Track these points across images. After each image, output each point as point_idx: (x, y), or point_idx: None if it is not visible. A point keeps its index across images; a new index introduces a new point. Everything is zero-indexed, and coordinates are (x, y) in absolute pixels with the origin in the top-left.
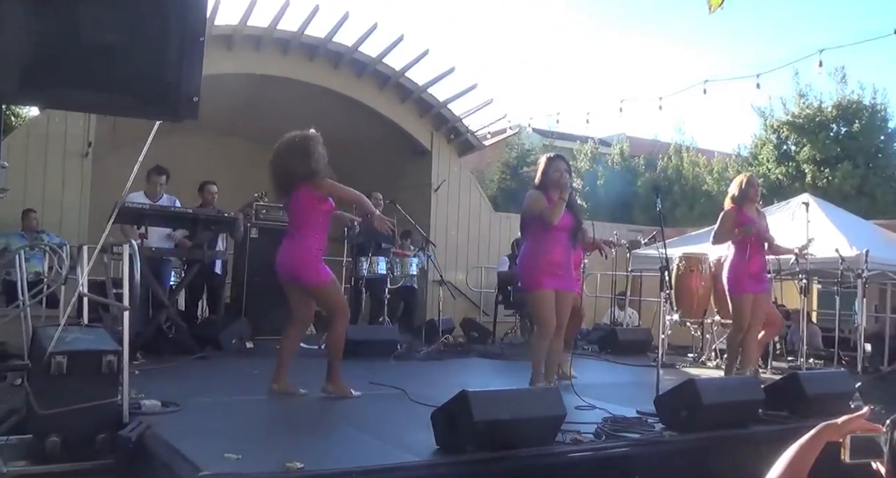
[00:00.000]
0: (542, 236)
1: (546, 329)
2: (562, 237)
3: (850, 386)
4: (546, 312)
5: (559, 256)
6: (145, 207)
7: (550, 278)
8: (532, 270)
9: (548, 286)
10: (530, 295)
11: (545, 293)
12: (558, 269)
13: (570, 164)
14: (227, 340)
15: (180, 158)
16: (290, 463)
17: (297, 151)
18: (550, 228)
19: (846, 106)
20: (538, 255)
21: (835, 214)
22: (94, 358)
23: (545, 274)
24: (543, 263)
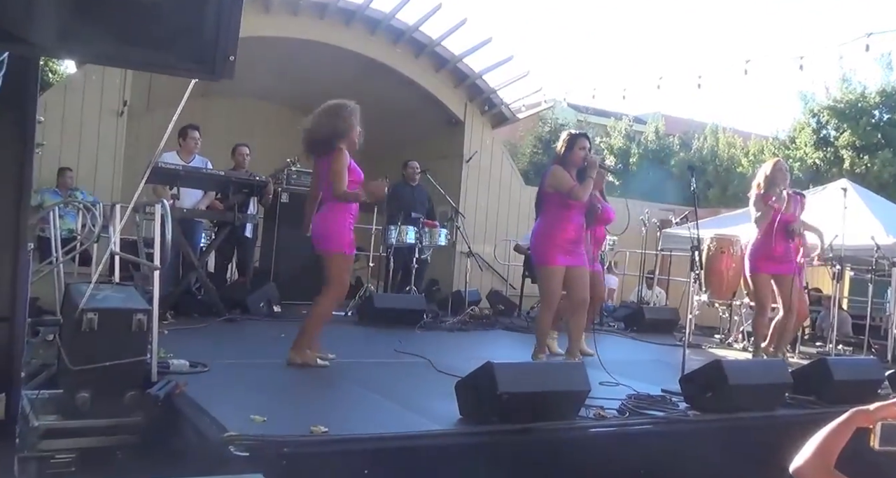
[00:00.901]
0: (558, 212)
1: (551, 303)
2: (577, 215)
3: (880, 374)
4: (553, 287)
5: (573, 233)
6: (178, 168)
7: (563, 255)
8: (545, 245)
9: (559, 263)
10: (540, 269)
11: (555, 269)
12: (572, 246)
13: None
14: (255, 303)
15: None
16: (314, 427)
17: (334, 116)
18: (571, 205)
19: (890, 93)
20: (553, 231)
21: (872, 200)
22: (125, 316)
23: (558, 250)
24: (558, 240)
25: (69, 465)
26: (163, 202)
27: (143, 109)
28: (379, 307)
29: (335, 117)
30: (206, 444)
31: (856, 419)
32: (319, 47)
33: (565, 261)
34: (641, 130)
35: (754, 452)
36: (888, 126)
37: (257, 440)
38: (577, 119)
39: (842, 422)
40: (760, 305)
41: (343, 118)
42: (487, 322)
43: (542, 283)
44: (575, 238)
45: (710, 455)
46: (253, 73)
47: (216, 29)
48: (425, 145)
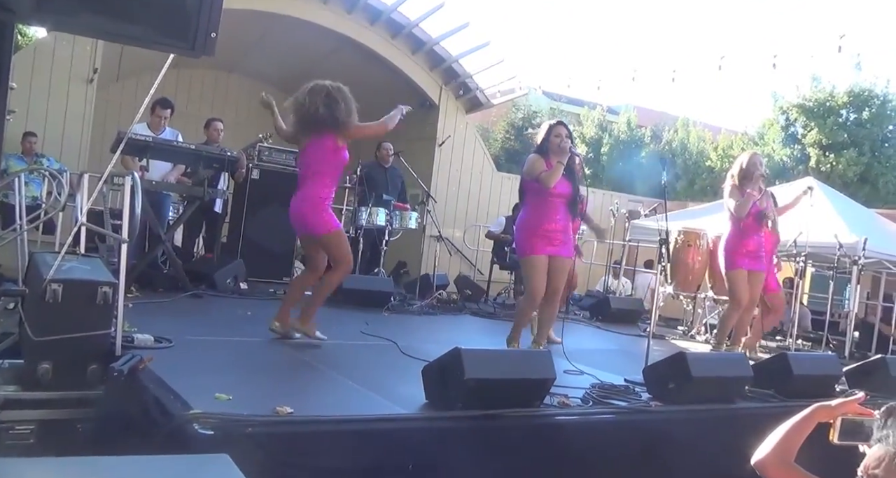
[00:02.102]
0: (539, 202)
1: (535, 295)
2: (559, 204)
3: (838, 370)
4: (537, 278)
5: (556, 222)
6: (148, 140)
7: (545, 244)
8: (528, 235)
9: (541, 252)
10: (523, 260)
11: (538, 259)
12: (555, 235)
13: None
14: (221, 279)
15: (184, 92)
16: (280, 408)
17: (332, 98)
18: (548, 194)
19: (858, 93)
20: (535, 220)
21: (836, 199)
22: (90, 288)
23: (540, 240)
24: (540, 230)
25: (27, 437)
26: (133, 174)
27: (113, 78)
28: (346, 288)
29: (339, 106)
30: (169, 421)
31: (817, 415)
32: (295, 23)
33: (548, 250)
34: (614, 121)
35: (714, 443)
36: (854, 126)
37: (222, 419)
38: (551, 107)
39: (803, 417)
40: (736, 301)
41: (346, 111)
42: (455, 307)
43: (524, 274)
44: (557, 228)
45: (671, 446)
46: (227, 46)
47: (199, 4)
48: (399, 127)
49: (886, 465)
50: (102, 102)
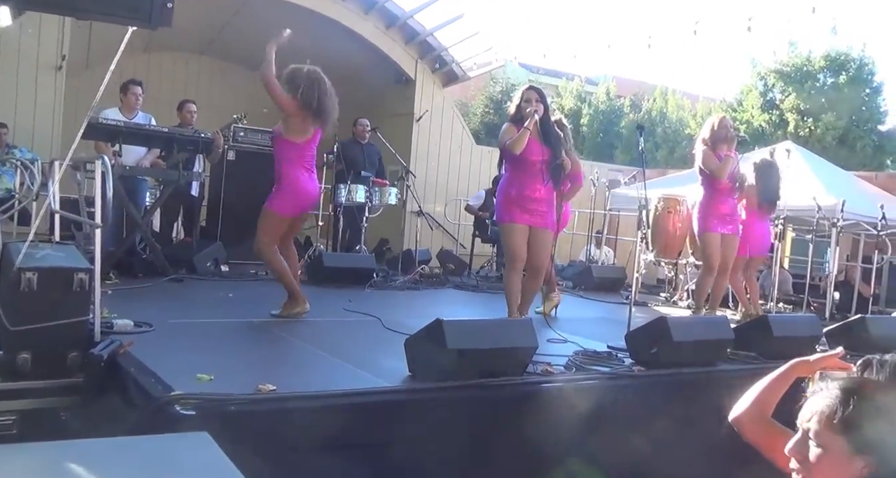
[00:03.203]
0: (516, 169)
1: (515, 263)
2: (537, 171)
3: (818, 331)
4: (514, 245)
5: (536, 191)
6: (120, 124)
7: (523, 213)
8: (505, 203)
9: (519, 221)
10: (501, 227)
11: (515, 227)
12: (532, 204)
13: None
14: (201, 262)
15: (157, 76)
16: (262, 385)
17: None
18: (522, 160)
19: (835, 57)
20: (512, 188)
21: (814, 162)
22: (66, 275)
23: (518, 208)
24: (519, 197)
25: (10, 427)
26: (103, 158)
27: (82, 65)
28: (328, 266)
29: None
30: (151, 403)
31: (796, 370)
32: (267, 2)
33: (526, 220)
34: (593, 92)
35: (696, 406)
36: (832, 90)
37: (203, 399)
38: (529, 79)
39: (781, 373)
40: (708, 265)
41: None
42: (438, 281)
43: (503, 242)
44: (535, 196)
45: (655, 409)
46: (196, 28)
47: None
48: (375, 103)
49: (819, 418)
50: (73, 90)
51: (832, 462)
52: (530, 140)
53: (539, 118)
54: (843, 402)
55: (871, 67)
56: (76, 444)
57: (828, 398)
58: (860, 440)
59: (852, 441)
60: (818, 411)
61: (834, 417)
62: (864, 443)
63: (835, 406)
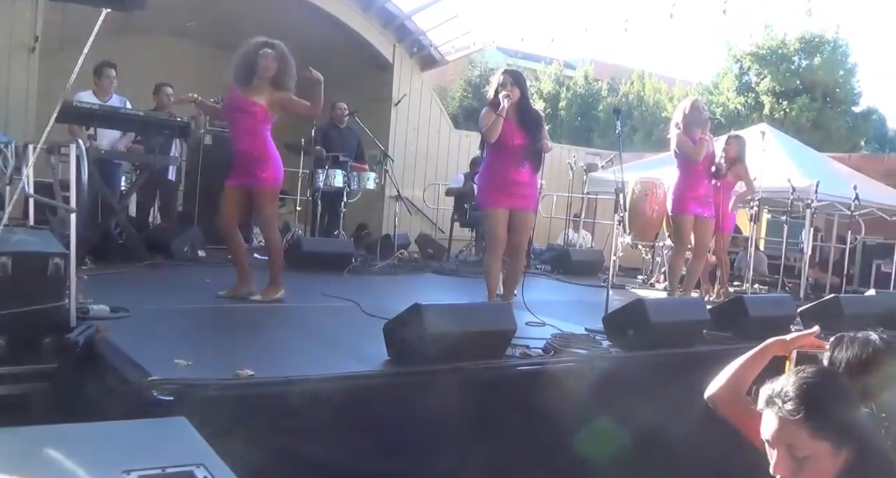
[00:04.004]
0: (496, 154)
1: (496, 246)
2: (516, 155)
3: (793, 310)
4: (495, 230)
5: (514, 174)
6: (94, 107)
7: (505, 197)
8: (486, 187)
9: (500, 205)
10: (483, 212)
11: (496, 212)
12: (513, 187)
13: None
14: (178, 247)
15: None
16: (240, 370)
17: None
18: (504, 145)
19: (809, 39)
20: (492, 173)
21: (789, 144)
22: (40, 260)
23: (499, 192)
24: (498, 181)
25: None
26: (78, 142)
27: (56, 47)
28: (307, 251)
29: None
30: (128, 389)
31: (772, 348)
32: None
33: (507, 203)
34: (571, 75)
35: (674, 387)
36: (807, 72)
37: (181, 384)
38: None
39: (758, 351)
40: (680, 245)
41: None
42: (417, 266)
43: (485, 226)
44: (515, 179)
45: (633, 391)
46: (171, 10)
47: None
48: (353, 87)
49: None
50: (46, 72)
51: (820, 464)
52: (509, 125)
53: (516, 102)
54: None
55: (845, 49)
56: (54, 428)
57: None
58: (838, 435)
59: (832, 439)
60: (785, 425)
61: (804, 425)
62: (842, 435)
63: (798, 414)
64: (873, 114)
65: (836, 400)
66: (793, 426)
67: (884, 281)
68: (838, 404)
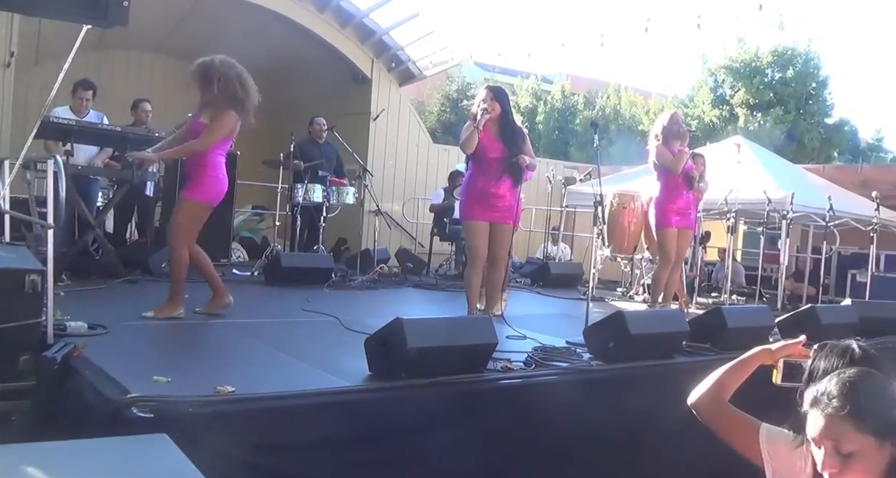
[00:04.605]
0: (476, 167)
1: (475, 260)
2: (495, 168)
3: (770, 321)
4: (475, 243)
5: (493, 187)
6: (71, 123)
7: (485, 210)
8: (467, 200)
9: (479, 218)
10: (463, 224)
11: (476, 225)
12: (492, 200)
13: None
14: (156, 263)
15: (109, 74)
16: (220, 387)
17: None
18: (483, 158)
19: (781, 52)
20: (472, 186)
21: (764, 156)
22: (16, 277)
23: (479, 205)
24: (477, 194)
25: None
26: (55, 158)
27: (32, 62)
28: (286, 267)
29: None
30: (107, 407)
31: (758, 357)
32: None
33: (486, 216)
34: (548, 90)
35: (654, 398)
36: (780, 85)
37: (161, 401)
38: (484, 78)
39: (744, 359)
40: (666, 258)
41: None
42: (397, 280)
43: (464, 237)
44: (494, 192)
45: (614, 403)
46: (149, 26)
47: None
48: (332, 102)
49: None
50: (22, 87)
51: (867, 459)
52: (489, 138)
53: (497, 116)
54: (851, 402)
55: (817, 62)
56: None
57: (833, 407)
58: (882, 428)
59: (876, 433)
60: (831, 421)
61: (848, 420)
62: (885, 428)
63: (843, 410)
64: (845, 125)
65: (878, 396)
66: (838, 422)
67: (859, 291)
68: (879, 400)
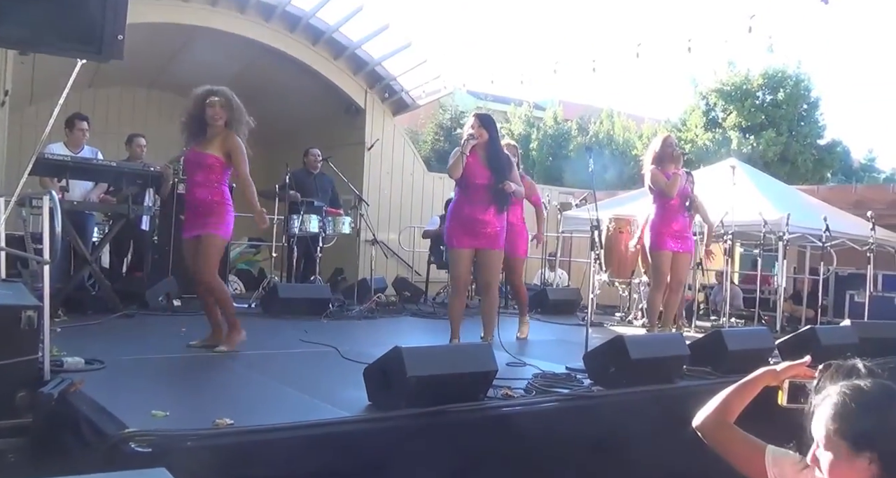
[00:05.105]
0: (461, 193)
1: (458, 286)
2: (480, 195)
3: (770, 343)
4: (456, 269)
5: (478, 213)
6: (66, 159)
7: (468, 237)
8: (452, 227)
9: (461, 246)
10: (447, 251)
11: (458, 252)
12: (477, 226)
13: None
14: (153, 297)
15: (103, 111)
16: (219, 420)
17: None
18: (470, 184)
19: (772, 75)
20: (457, 212)
21: (759, 178)
22: (13, 313)
23: (462, 232)
24: (461, 220)
25: None
26: (51, 193)
27: (26, 101)
28: (283, 298)
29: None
30: (104, 442)
31: (764, 378)
32: (213, 35)
33: (469, 243)
34: (540, 116)
35: (656, 423)
36: (771, 107)
37: (159, 435)
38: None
39: (749, 380)
40: (658, 282)
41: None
42: (394, 309)
43: (449, 264)
44: (476, 218)
45: (615, 428)
46: (143, 61)
47: (103, 7)
48: (326, 133)
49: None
50: (16, 126)
51: (841, 466)
52: (476, 164)
53: (485, 143)
54: (835, 406)
55: (808, 83)
56: None
57: (826, 406)
58: (856, 438)
59: (850, 440)
60: (821, 418)
61: (830, 422)
62: (861, 438)
63: (830, 412)
64: (838, 146)
65: (864, 407)
66: (824, 423)
67: (858, 311)
68: (864, 411)
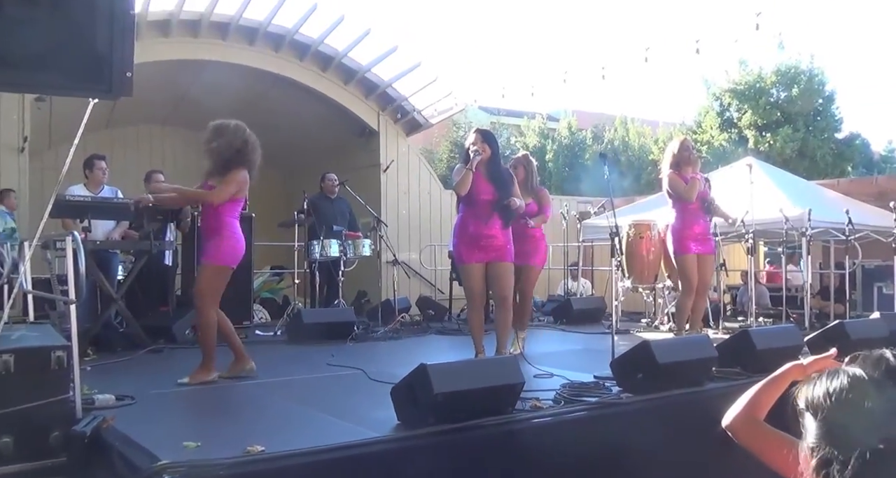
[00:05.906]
0: (466, 209)
1: (473, 301)
2: (485, 210)
3: (799, 340)
4: (470, 285)
5: (484, 228)
6: (87, 199)
7: (477, 252)
8: (459, 243)
9: (470, 261)
10: (458, 268)
11: (469, 268)
12: (484, 240)
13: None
14: (180, 331)
15: (121, 150)
16: (251, 447)
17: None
18: (474, 200)
19: (784, 71)
20: (463, 228)
21: (777, 175)
22: (42, 355)
23: (470, 247)
24: (464, 237)
25: None
26: (73, 234)
27: (45, 145)
28: (308, 323)
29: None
30: (138, 476)
31: (791, 373)
32: (223, 68)
33: (478, 257)
34: (554, 127)
35: (687, 427)
36: (786, 103)
37: (191, 466)
38: (490, 121)
39: (776, 376)
40: (688, 286)
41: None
42: (419, 328)
43: (461, 281)
44: (483, 233)
45: (646, 434)
46: (156, 99)
47: (109, 46)
48: (341, 157)
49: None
50: (37, 171)
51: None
52: (479, 180)
53: (486, 159)
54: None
55: (822, 78)
56: None
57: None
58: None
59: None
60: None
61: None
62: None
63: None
64: (857, 139)
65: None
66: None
67: (886, 303)
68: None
